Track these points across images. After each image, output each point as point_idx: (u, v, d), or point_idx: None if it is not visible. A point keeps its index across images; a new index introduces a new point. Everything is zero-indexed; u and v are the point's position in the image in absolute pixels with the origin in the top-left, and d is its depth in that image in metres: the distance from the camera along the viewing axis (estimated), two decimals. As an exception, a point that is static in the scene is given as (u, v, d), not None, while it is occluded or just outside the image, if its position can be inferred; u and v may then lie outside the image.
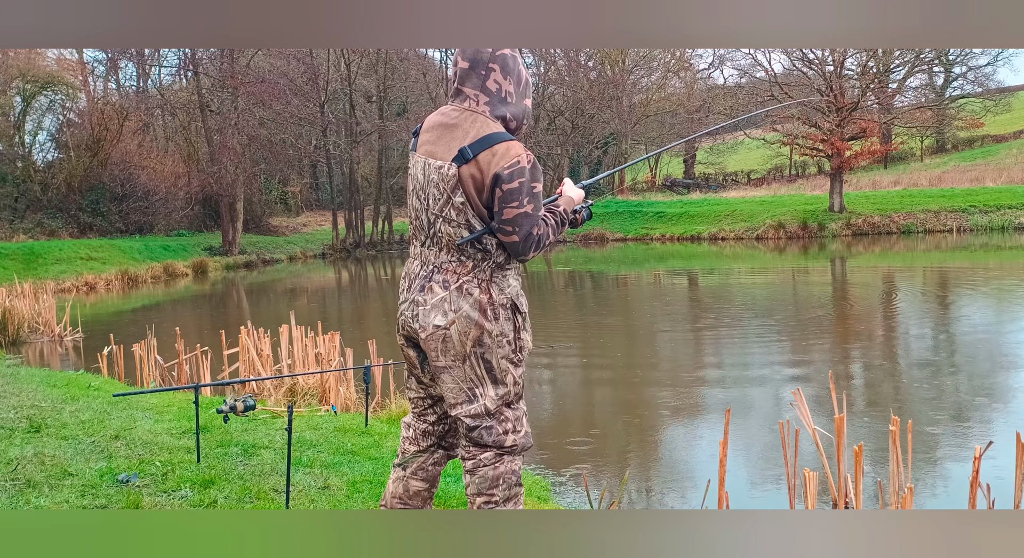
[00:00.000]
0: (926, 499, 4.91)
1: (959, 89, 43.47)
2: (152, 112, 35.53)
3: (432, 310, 2.69)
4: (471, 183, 2.61)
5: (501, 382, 2.73)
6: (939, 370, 8.54)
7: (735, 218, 32.85)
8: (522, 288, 2.83)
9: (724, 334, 11.50)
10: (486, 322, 2.67)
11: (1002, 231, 28.75)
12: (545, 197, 2.84)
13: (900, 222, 30.26)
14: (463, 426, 2.77)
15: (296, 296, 20.47)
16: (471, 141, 2.61)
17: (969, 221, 29.80)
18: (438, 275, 2.70)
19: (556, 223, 2.80)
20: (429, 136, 2.73)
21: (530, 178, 2.60)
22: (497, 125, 2.65)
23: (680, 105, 44.87)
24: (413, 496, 2.92)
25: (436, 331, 2.68)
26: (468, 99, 2.68)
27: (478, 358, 2.69)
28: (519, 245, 2.64)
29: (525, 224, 2.61)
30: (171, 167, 33.29)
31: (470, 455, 2.78)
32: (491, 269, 2.70)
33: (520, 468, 2.82)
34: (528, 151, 2.63)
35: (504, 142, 2.60)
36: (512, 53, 2.70)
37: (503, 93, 2.68)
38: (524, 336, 2.77)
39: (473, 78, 2.67)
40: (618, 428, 6.80)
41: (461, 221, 2.65)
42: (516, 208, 2.59)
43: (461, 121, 2.66)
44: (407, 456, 2.94)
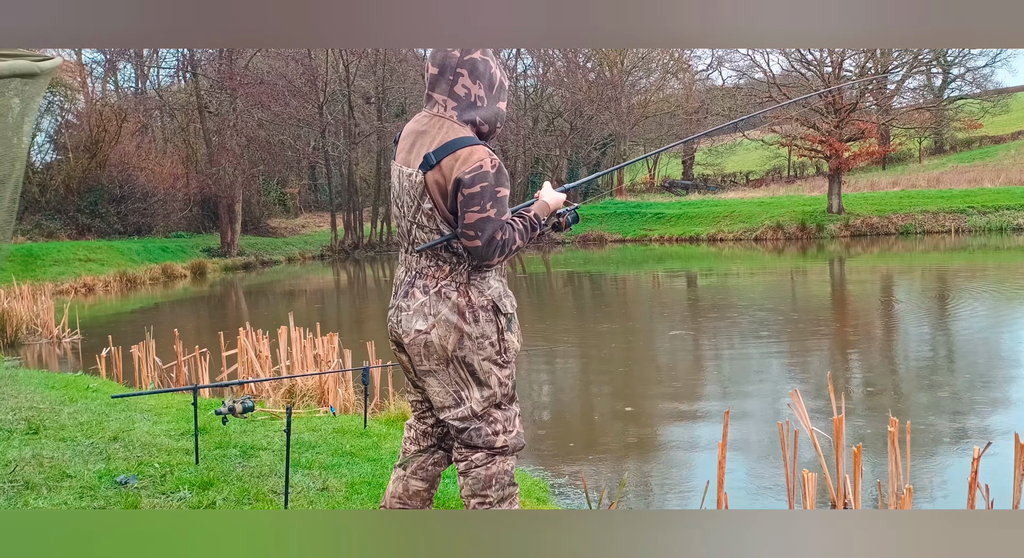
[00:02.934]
0: (925, 500, 4.92)
1: (957, 90, 43.55)
2: (150, 113, 35.52)
3: (414, 315, 2.71)
4: (436, 189, 2.62)
5: (485, 384, 2.73)
6: (938, 371, 8.55)
7: (734, 219, 32.85)
8: (507, 289, 2.81)
9: (723, 335, 11.51)
10: (465, 325, 2.68)
11: (1000, 232, 28.77)
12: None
13: (898, 223, 30.28)
14: (453, 429, 2.78)
15: (295, 297, 20.46)
16: (436, 147, 2.62)
17: (967, 222, 29.82)
18: (419, 280, 2.73)
19: (524, 227, 2.74)
20: (404, 144, 2.75)
21: (494, 182, 2.59)
22: (465, 130, 2.65)
23: (679, 106, 44.89)
24: (412, 496, 2.93)
25: (417, 336, 2.70)
26: (437, 105, 2.69)
27: (460, 361, 2.70)
28: (482, 250, 2.62)
29: (487, 228, 2.59)
30: (169, 168, 33.26)
31: (462, 457, 2.79)
32: (467, 272, 2.70)
33: (513, 468, 2.82)
34: (493, 155, 2.62)
35: (468, 147, 2.60)
36: (483, 56, 2.68)
37: (472, 97, 2.68)
38: (509, 337, 2.77)
39: (442, 84, 2.68)
40: (617, 429, 6.80)
41: (432, 227, 2.66)
42: (478, 212, 2.57)
43: (430, 127, 2.68)
44: (407, 456, 2.95)
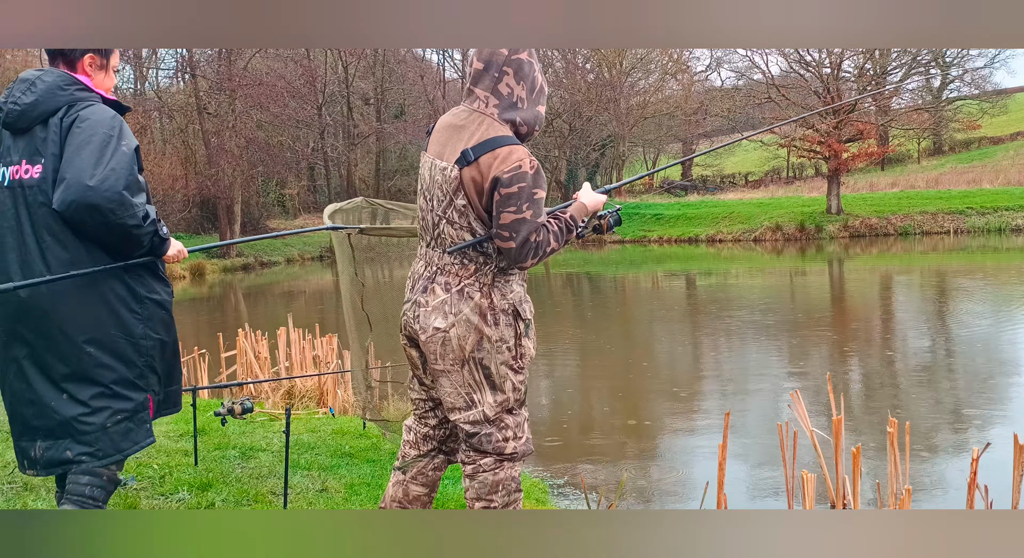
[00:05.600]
0: (924, 501, 4.92)
1: (956, 91, 43.59)
2: (149, 114, 35.48)
3: (432, 312, 2.66)
4: (472, 186, 2.57)
5: (500, 388, 2.70)
6: (937, 372, 8.55)
7: (733, 220, 32.86)
8: (527, 294, 2.78)
9: (722, 336, 11.51)
10: (486, 327, 2.64)
11: (999, 233, 28.80)
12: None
13: (897, 224, 30.30)
14: (462, 432, 2.74)
15: (294, 299, 20.45)
16: (474, 143, 2.57)
17: (966, 223, 29.84)
18: (440, 277, 2.67)
19: (559, 229, 2.70)
20: (439, 136, 2.70)
21: (531, 184, 2.55)
22: (505, 128, 2.61)
23: (677, 107, 44.93)
24: (412, 501, 2.90)
25: (436, 333, 2.65)
26: (478, 100, 2.64)
27: (476, 363, 2.66)
28: (515, 251, 2.58)
29: (523, 230, 2.55)
30: (168, 169, 33.22)
31: (470, 460, 2.76)
32: (493, 273, 2.66)
33: (520, 474, 2.80)
34: (532, 157, 2.59)
35: (507, 146, 2.56)
36: (529, 58, 2.65)
37: (514, 97, 2.64)
38: (526, 343, 2.73)
39: (486, 80, 2.63)
40: (616, 430, 6.80)
41: (463, 224, 2.62)
42: (514, 213, 2.54)
43: (468, 123, 2.63)
44: (407, 460, 2.92)
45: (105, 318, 2.64)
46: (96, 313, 2.62)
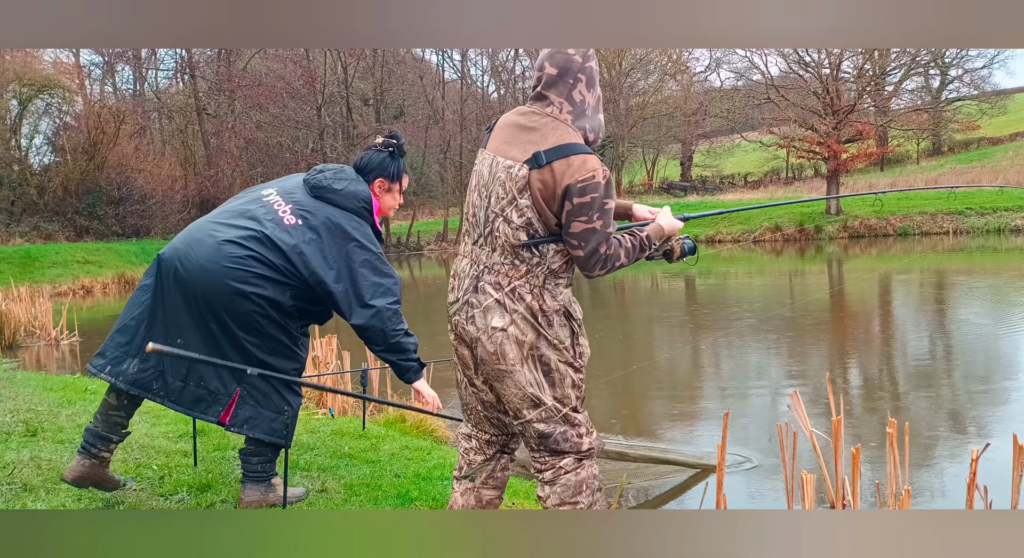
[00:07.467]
0: (923, 501, 4.92)
1: (955, 92, 43.60)
2: (149, 115, 35.53)
3: (488, 311, 2.63)
4: (539, 188, 2.56)
5: (561, 386, 2.67)
6: (936, 372, 8.55)
7: (732, 220, 32.86)
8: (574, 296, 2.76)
9: (721, 336, 11.51)
10: (540, 328, 2.62)
11: (998, 233, 28.81)
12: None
13: (896, 224, 30.31)
14: (534, 433, 2.68)
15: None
16: (549, 147, 2.56)
17: (965, 223, 29.85)
18: (488, 276, 2.64)
19: (632, 247, 2.69)
20: (502, 134, 2.67)
21: (603, 194, 2.55)
22: (578, 136, 2.60)
23: (677, 108, 44.93)
24: (487, 505, 2.85)
25: (494, 333, 2.61)
26: (552, 105, 2.62)
27: (536, 361, 2.63)
28: (583, 260, 2.59)
29: (592, 240, 2.56)
30: (168, 170, 33.24)
31: (547, 465, 2.69)
32: (544, 275, 2.63)
33: (599, 472, 2.76)
34: (604, 167, 2.58)
35: (582, 154, 2.55)
36: (596, 66, 2.66)
37: (585, 105, 2.64)
38: (582, 341, 2.71)
39: (560, 85, 2.61)
40: (616, 430, 6.80)
41: (521, 224, 2.59)
42: (585, 223, 2.54)
43: (542, 126, 2.60)
44: (474, 467, 2.85)
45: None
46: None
